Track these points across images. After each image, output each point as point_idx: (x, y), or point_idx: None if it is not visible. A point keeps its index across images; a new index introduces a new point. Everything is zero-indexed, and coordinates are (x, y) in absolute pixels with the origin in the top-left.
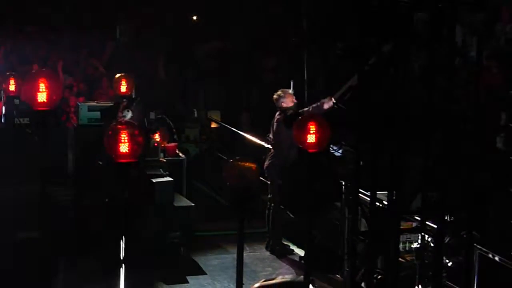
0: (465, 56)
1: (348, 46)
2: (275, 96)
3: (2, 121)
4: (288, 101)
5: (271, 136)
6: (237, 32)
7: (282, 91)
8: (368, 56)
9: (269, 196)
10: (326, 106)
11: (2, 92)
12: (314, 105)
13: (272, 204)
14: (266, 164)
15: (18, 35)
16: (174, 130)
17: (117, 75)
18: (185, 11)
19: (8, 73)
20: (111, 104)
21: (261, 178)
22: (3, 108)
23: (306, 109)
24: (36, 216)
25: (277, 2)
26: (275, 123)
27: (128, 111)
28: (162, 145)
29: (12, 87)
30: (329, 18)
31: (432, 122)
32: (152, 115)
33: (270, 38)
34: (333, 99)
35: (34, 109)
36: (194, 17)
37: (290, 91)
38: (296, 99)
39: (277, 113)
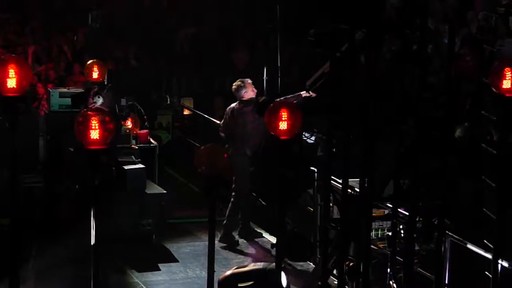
0: (437, 44)
1: (320, 32)
2: (234, 86)
3: None
4: (250, 92)
5: (222, 127)
6: (211, 18)
7: (241, 81)
8: (340, 42)
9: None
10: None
11: None
12: (289, 96)
13: (234, 193)
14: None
15: None
16: (145, 117)
17: (89, 61)
18: None
19: None
20: (82, 90)
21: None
22: None
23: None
24: (6, 203)
25: None
26: (237, 115)
27: (98, 97)
28: (134, 132)
29: None
30: (301, 5)
31: (404, 109)
32: (123, 102)
33: (243, 25)
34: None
35: (3, 94)
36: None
37: (249, 80)
38: (270, 86)
39: (236, 104)
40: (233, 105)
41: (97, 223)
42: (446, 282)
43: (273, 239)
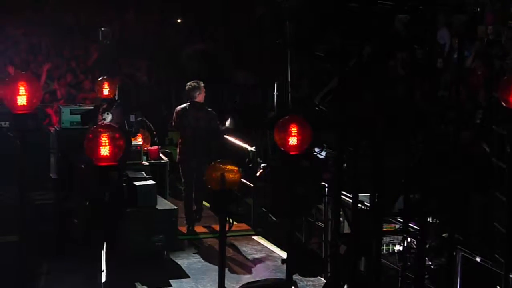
0: (448, 58)
1: (329, 48)
2: (189, 86)
3: None
4: (202, 96)
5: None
6: (220, 34)
7: (196, 82)
8: (349, 58)
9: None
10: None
11: None
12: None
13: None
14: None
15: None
16: (154, 132)
17: (100, 78)
18: (168, 13)
19: None
20: (91, 107)
21: (243, 180)
22: None
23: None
24: (16, 219)
25: (260, 4)
26: (187, 115)
27: (108, 113)
28: (145, 148)
29: None
30: (311, 20)
31: (414, 123)
32: (132, 118)
33: (252, 41)
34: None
35: (13, 112)
36: (179, 20)
37: (202, 84)
38: (280, 102)
39: (187, 104)
40: (184, 105)
41: (108, 240)
42: None
43: (283, 254)
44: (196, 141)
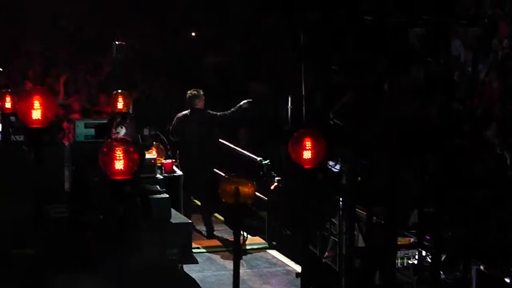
0: (464, 71)
1: (343, 61)
2: (189, 94)
3: None
4: (202, 103)
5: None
6: (234, 48)
7: (196, 91)
8: (364, 71)
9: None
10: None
11: None
12: (233, 109)
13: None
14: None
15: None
16: (168, 146)
17: (114, 92)
18: (182, 27)
19: (4, 90)
20: (105, 121)
21: (257, 193)
22: (0, 125)
23: (224, 112)
24: (32, 233)
25: (274, 16)
26: (187, 122)
27: (121, 127)
28: (159, 162)
29: (8, 104)
30: (325, 33)
31: (429, 137)
32: (146, 131)
33: (266, 53)
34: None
35: (28, 126)
36: (193, 33)
37: (202, 92)
38: (293, 114)
39: (188, 112)
40: (185, 112)
41: (122, 253)
42: None
43: (298, 268)
44: (199, 147)
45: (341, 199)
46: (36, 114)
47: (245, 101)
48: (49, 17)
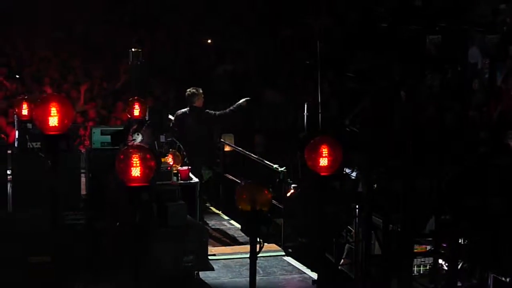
0: (481, 78)
1: (359, 68)
2: (188, 92)
3: (15, 145)
4: (200, 101)
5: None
6: (249, 55)
7: (195, 89)
8: (380, 78)
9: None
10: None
11: (15, 116)
12: (231, 108)
13: None
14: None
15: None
16: (184, 153)
17: (130, 99)
18: (198, 34)
19: (20, 97)
20: (122, 128)
21: (273, 201)
22: (16, 132)
23: (222, 111)
24: (49, 240)
25: (289, 24)
26: (186, 119)
27: (138, 134)
28: (175, 169)
29: (24, 111)
30: (341, 40)
31: (446, 144)
32: (162, 138)
33: (282, 61)
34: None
35: (45, 133)
36: (209, 40)
37: (201, 90)
38: (309, 121)
39: (187, 109)
40: (183, 110)
41: (138, 260)
42: None
43: (314, 275)
44: (197, 144)
45: (357, 206)
46: (53, 121)
47: (244, 99)
48: (65, 24)
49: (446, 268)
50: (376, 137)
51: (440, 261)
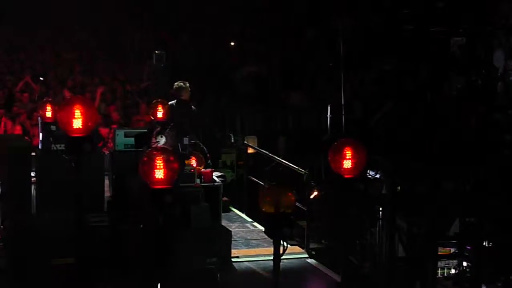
0: (505, 80)
1: (383, 70)
2: (176, 86)
3: (40, 147)
4: (187, 95)
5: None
6: (273, 57)
7: (183, 82)
8: (404, 80)
9: None
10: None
11: (39, 118)
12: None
13: None
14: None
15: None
16: (208, 155)
17: (153, 101)
18: (221, 36)
19: (44, 99)
20: (145, 130)
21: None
22: (40, 134)
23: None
24: (72, 242)
25: (313, 26)
26: (173, 111)
27: (161, 136)
28: (199, 170)
29: (48, 114)
30: (365, 42)
31: (471, 147)
32: (186, 141)
33: (305, 63)
34: None
35: (69, 135)
36: (232, 43)
37: (188, 84)
38: (333, 124)
39: (174, 102)
40: (171, 102)
41: (161, 262)
42: None
43: (338, 278)
44: (179, 135)
45: (381, 208)
46: (77, 123)
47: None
48: (89, 27)
49: (470, 270)
50: (400, 139)
51: (465, 263)
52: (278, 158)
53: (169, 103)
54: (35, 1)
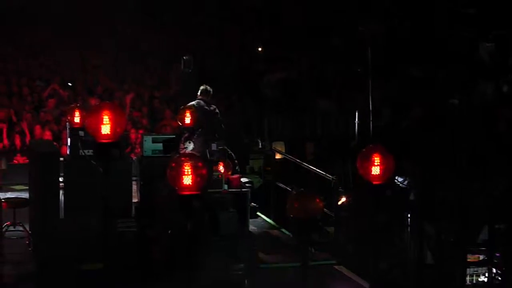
0: None
1: (411, 75)
2: (202, 88)
3: (68, 152)
4: (207, 96)
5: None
6: (301, 63)
7: (204, 86)
8: (432, 86)
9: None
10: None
11: (67, 124)
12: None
13: None
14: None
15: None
16: (236, 161)
17: (181, 107)
18: (249, 41)
19: (73, 105)
20: (173, 136)
21: (325, 209)
22: (68, 140)
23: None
24: (100, 247)
25: (340, 32)
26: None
27: (189, 142)
28: (226, 176)
29: (77, 119)
30: (392, 48)
31: (500, 154)
32: (214, 146)
33: (333, 69)
34: None
35: (97, 141)
36: (259, 48)
37: (209, 88)
38: (361, 129)
39: (196, 102)
40: (193, 102)
41: (189, 268)
42: None
43: (365, 284)
44: (207, 141)
45: (409, 215)
46: (106, 129)
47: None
48: (116, 33)
49: (499, 278)
50: (429, 145)
51: (494, 270)
52: (306, 164)
53: (191, 103)
54: (63, 7)
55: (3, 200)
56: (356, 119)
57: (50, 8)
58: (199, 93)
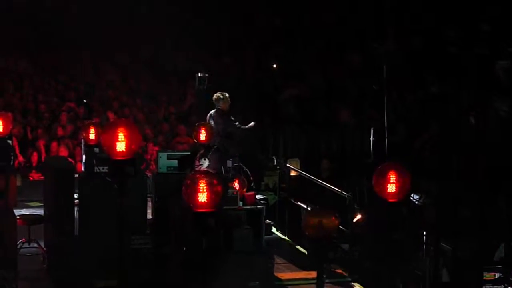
0: None
1: (427, 93)
2: (215, 97)
3: (83, 169)
4: (226, 104)
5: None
6: (316, 79)
7: (222, 94)
8: (448, 103)
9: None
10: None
11: (82, 140)
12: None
13: None
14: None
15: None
16: (251, 178)
17: (196, 124)
18: (263, 58)
19: (88, 122)
20: (189, 152)
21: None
22: (83, 156)
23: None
24: (115, 264)
25: (356, 49)
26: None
27: (205, 159)
28: (241, 193)
29: (92, 136)
30: (408, 65)
31: None
32: (229, 163)
33: (349, 85)
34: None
35: (112, 158)
36: (274, 65)
37: (227, 94)
38: (376, 146)
39: (214, 111)
40: (212, 111)
41: (205, 285)
42: None
43: None
44: (222, 158)
45: (425, 233)
46: (121, 146)
47: (253, 123)
48: (131, 49)
49: None
50: (445, 163)
51: None
52: (321, 181)
53: (210, 113)
54: (78, 23)
55: (18, 217)
56: (372, 136)
57: (66, 24)
58: (215, 101)
